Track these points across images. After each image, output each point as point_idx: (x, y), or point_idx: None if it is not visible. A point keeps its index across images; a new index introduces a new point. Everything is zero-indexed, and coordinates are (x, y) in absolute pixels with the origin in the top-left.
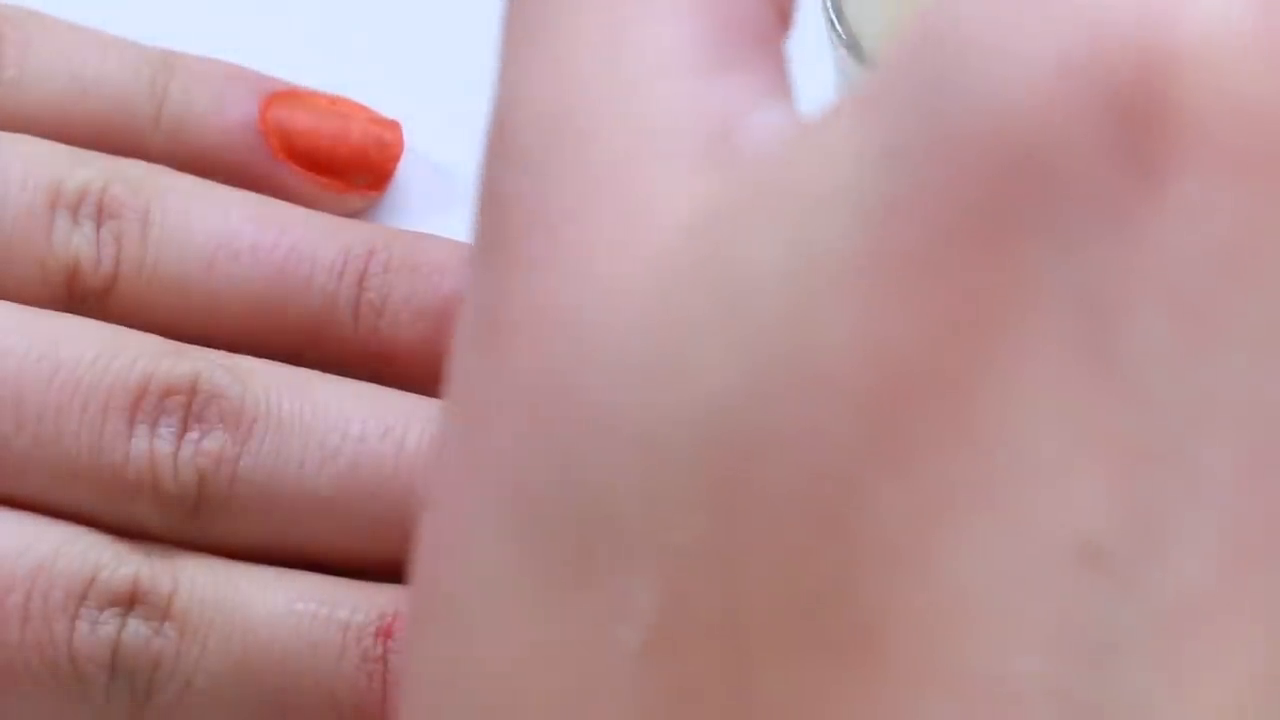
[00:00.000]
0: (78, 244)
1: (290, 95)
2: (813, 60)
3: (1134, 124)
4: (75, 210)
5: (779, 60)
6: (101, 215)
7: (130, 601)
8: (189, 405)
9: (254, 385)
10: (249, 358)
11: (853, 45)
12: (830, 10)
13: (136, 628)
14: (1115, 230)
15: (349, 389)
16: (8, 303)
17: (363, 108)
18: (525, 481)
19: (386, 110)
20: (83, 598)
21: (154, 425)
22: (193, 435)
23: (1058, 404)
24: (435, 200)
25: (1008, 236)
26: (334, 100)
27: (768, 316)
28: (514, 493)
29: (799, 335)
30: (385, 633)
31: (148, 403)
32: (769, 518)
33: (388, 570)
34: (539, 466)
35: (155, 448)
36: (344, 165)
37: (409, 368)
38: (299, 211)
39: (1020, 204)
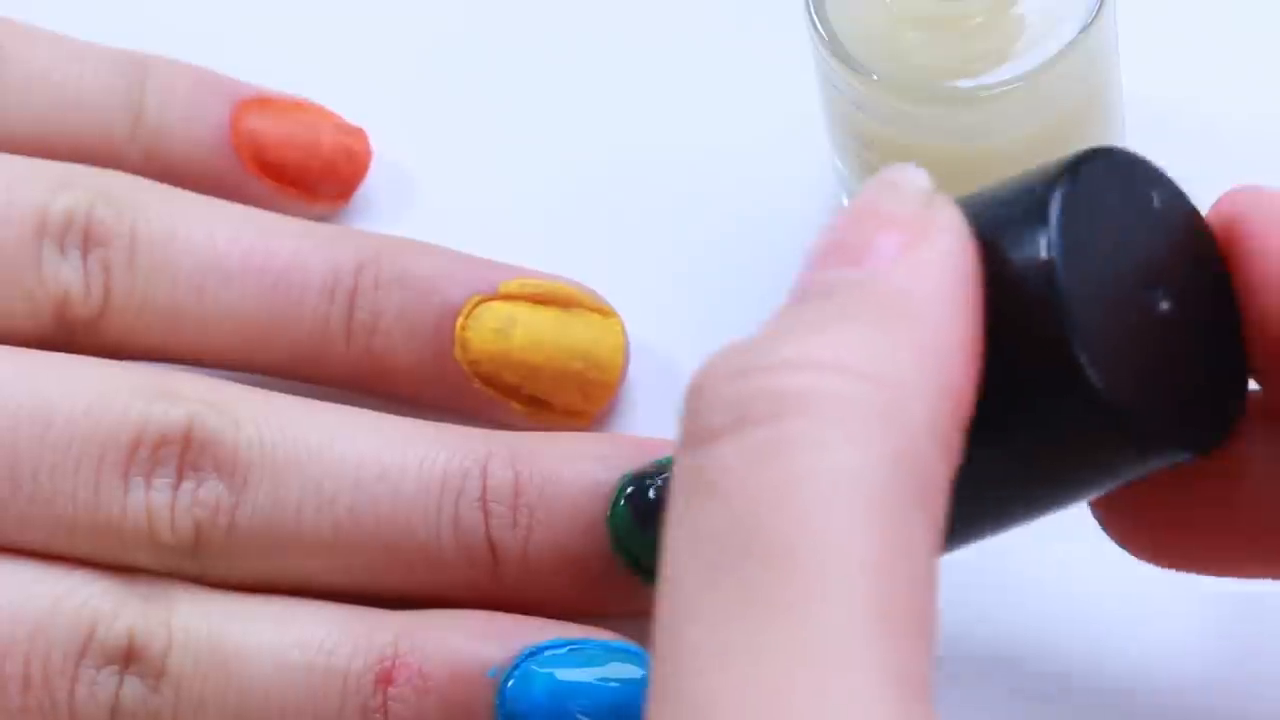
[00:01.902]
0: (66, 276)
1: (259, 102)
2: (796, 61)
3: None
4: (61, 239)
5: None
6: (88, 243)
7: (126, 659)
8: (183, 454)
9: (247, 427)
10: (242, 391)
11: (833, 45)
12: (811, 10)
13: (133, 687)
14: None
15: (344, 422)
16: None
17: (329, 113)
18: None
19: (349, 113)
20: (81, 657)
21: (149, 477)
22: (188, 485)
23: None
24: (397, 203)
25: None
26: (300, 105)
27: None
28: None
29: None
30: (385, 679)
31: (141, 454)
32: None
33: (386, 599)
34: None
35: (151, 500)
36: (314, 178)
37: (402, 385)
38: (286, 225)
39: None
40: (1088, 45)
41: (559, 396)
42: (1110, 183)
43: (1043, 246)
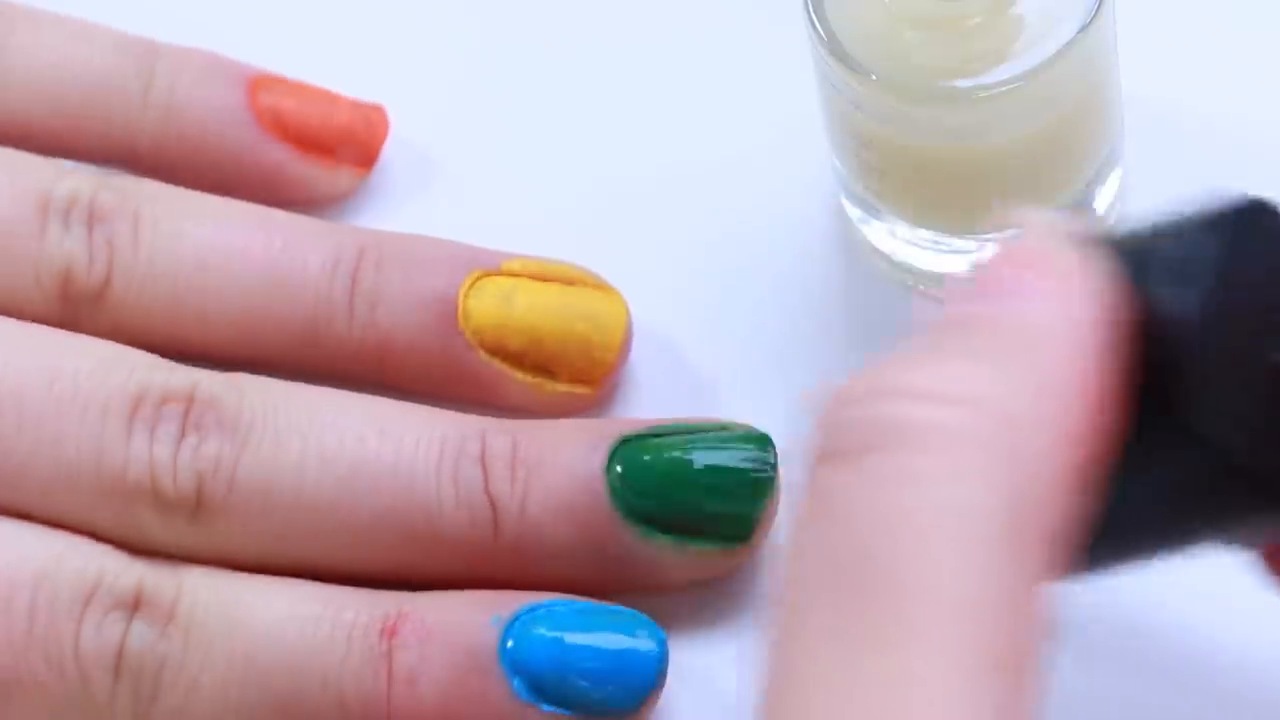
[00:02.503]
0: (70, 248)
1: (273, 80)
2: (795, 60)
3: None
4: (66, 215)
5: None
6: (92, 220)
7: (134, 606)
8: (187, 412)
9: (250, 393)
10: (245, 375)
11: (832, 44)
12: (810, 10)
13: (141, 631)
14: None
15: (346, 398)
16: (5, 318)
17: (344, 96)
18: None
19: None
20: (87, 602)
21: (153, 430)
22: (191, 440)
23: None
24: (420, 185)
25: None
26: (312, 87)
27: None
28: None
29: None
30: (390, 631)
31: (146, 409)
32: None
33: (387, 580)
34: None
35: (154, 452)
36: (333, 143)
37: (404, 363)
38: (289, 217)
39: None
40: (1086, 45)
41: (564, 364)
42: (1260, 237)
43: (1187, 304)
